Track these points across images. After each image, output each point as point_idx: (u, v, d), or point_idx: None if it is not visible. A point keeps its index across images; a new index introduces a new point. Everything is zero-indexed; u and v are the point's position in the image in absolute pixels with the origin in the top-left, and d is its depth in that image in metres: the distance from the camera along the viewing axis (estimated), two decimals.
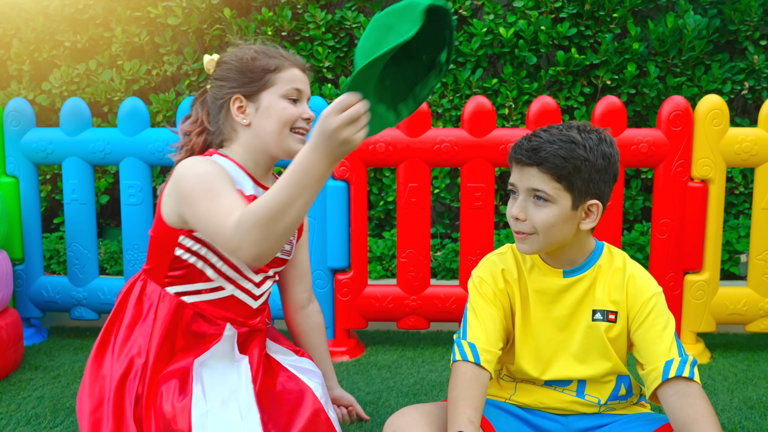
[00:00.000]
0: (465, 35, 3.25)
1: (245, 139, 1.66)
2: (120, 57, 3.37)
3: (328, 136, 1.28)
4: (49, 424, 1.93)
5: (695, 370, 1.39)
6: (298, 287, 1.91)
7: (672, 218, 2.46)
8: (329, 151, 1.29)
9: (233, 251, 1.41)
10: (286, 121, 1.63)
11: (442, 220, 3.47)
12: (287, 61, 1.66)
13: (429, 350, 2.59)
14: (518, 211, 1.40)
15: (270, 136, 1.64)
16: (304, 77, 1.68)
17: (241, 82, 1.64)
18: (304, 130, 1.67)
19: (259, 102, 1.64)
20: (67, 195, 2.60)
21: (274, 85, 1.64)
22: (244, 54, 1.66)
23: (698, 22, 3.10)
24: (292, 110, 1.64)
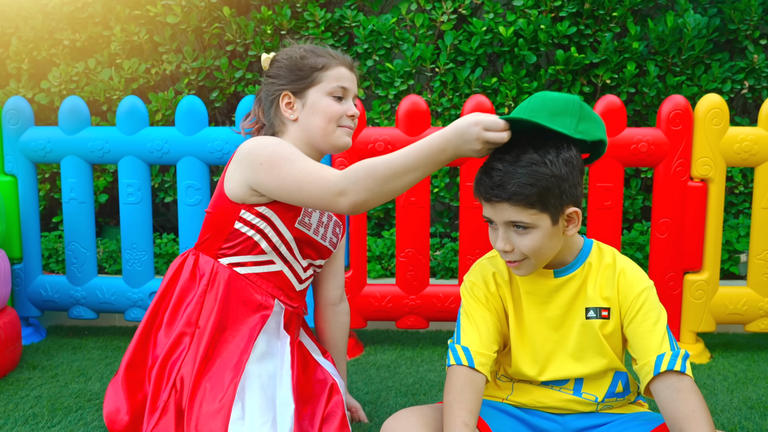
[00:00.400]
0: (464, 34, 3.25)
1: (294, 132, 1.73)
2: (119, 55, 3.36)
3: (465, 139, 1.37)
4: (47, 424, 1.92)
5: (687, 364, 1.38)
6: (331, 283, 1.96)
7: (672, 218, 2.45)
8: (457, 148, 1.38)
9: (334, 196, 1.48)
10: (330, 117, 1.70)
11: (442, 219, 3.47)
12: (335, 60, 1.73)
13: (428, 350, 2.58)
14: (504, 244, 1.39)
15: (316, 131, 1.71)
16: (351, 76, 1.75)
17: (290, 80, 1.71)
18: (350, 126, 1.73)
19: (305, 99, 1.71)
20: (65, 194, 2.59)
21: (320, 83, 1.71)
22: (294, 53, 1.73)
23: (698, 21, 3.10)
24: (336, 107, 1.70)
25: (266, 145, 1.60)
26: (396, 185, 1.43)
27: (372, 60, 3.28)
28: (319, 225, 1.76)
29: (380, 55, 3.26)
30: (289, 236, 1.69)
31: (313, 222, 1.74)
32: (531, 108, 1.36)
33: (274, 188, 1.57)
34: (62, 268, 3.23)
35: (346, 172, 1.47)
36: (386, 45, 3.24)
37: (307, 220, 1.72)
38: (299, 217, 1.69)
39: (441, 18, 3.23)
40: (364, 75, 3.33)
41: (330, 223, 1.81)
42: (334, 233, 1.83)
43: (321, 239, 1.77)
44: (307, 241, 1.74)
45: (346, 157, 2.44)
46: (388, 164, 1.42)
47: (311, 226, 1.73)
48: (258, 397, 1.57)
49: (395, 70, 3.21)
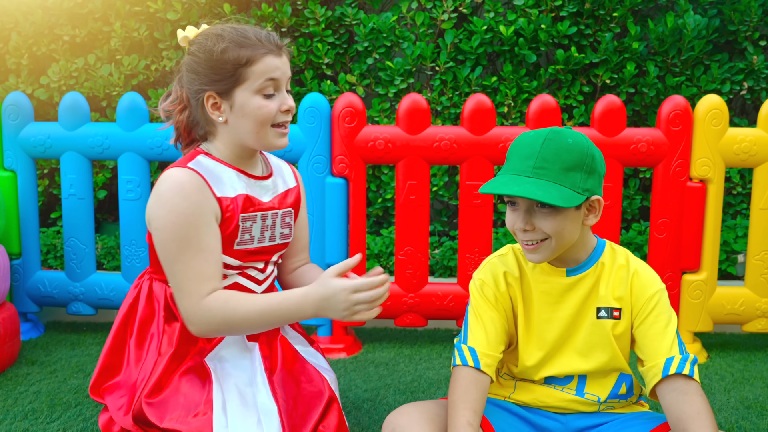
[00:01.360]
0: (465, 33, 3.25)
1: (224, 135, 1.61)
2: (119, 52, 3.36)
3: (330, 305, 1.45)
4: (46, 419, 1.92)
5: (695, 369, 1.39)
6: (293, 258, 1.84)
7: (670, 218, 2.46)
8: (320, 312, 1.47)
9: (186, 318, 1.53)
10: (263, 120, 1.56)
11: (440, 217, 3.47)
12: (260, 48, 1.54)
13: (426, 348, 2.59)
14: (524, 224, 1.38)
15: (248, 135, 1.58)
16: (280, 62, 1.57)
17: (212, 79, 1.55)
18: (285, 122, 1.60)
19: (232, 100, 1.55)
20: (65, 190, 2.59)
21: (247, 80, 1.54)
22: (214, 46, 1.54)
23: (698, 22, 3.10)
24: (268, 108, 1.56)
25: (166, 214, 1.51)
26: (248, 331, 1.55)
27: (372, 58, 3.28)
28: (263, 231, 1.66)
29: (380, 53, 3.26)
30: (229, 260, 1.62)
31: (255, 234, 1.64)
32: (544, 157, 1.34)
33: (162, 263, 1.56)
34: (61, 264, 3.23)
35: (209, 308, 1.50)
36: (386, 43, 3.24)
37: (247, 237, 1.63)
38: (237, 239, 1.61)
39: (441, 16, 3.24)
40: (364, 73, 3.33)
41: (276, 221, 1.69)
42: (283, 225, 1.72)
43: (270, 241, 1.69)
44: (253, 251, 1.66)
45: (347, 155, 2.44)
46: (245, 317, 1.50)
47: (254, 239, 1.64)
48: (238, 404, 1.55)
49: (395, 69, 3.21)
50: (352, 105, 2.44)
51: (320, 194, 2.47)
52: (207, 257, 1.52)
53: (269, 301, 1.52)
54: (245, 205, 1.61)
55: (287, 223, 1.73)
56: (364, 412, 2.00)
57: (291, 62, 3.31)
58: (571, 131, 1.38)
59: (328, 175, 2.47)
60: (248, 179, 1.65)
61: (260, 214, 1.64)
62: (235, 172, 1.63)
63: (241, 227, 1.60)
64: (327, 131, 2.45)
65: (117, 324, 1.74)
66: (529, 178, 1.34)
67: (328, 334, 2.54)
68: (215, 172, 1.59)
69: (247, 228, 1.61)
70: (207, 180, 1.56)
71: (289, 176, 1.78)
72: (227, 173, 1.61)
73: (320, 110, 2.44)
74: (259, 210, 1.64)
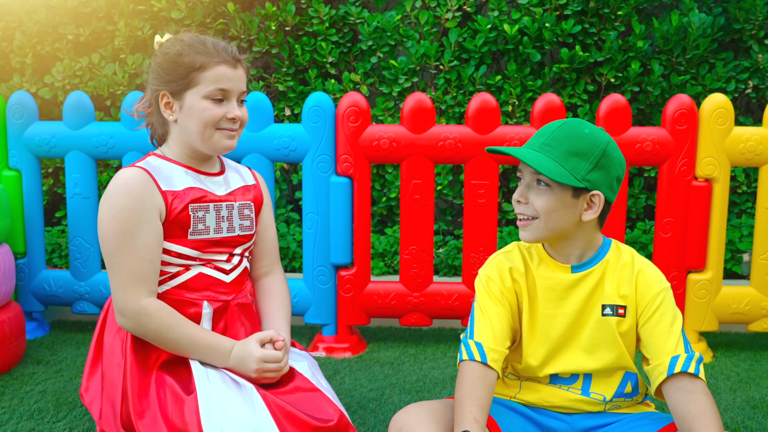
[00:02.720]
0: (469, 32, 3.24)
1: (176, 134, 1.68)
2: (123, 51, 3.36)
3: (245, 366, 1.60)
4: (52, 419, 1.93)
5: (701, 367, 1.39)
6: (259, 262, 1.86)
7: (676, 217, 2.45)
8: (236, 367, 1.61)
9: (118, 310, 1.60)
10: (206, 123, 1.62)
11: (445, 217, 3.47)
12: (215, 58, 1.62)
13: (431, 347, 2.59)
14: (519, 195, 1.42)
15: (194, 136, 1.64)
16: (234, 74, 1.64)
17: (166, 80, 1.63)
18: (230, 128, 1.65)
19: (183, 101, 1.63)
20: (69, 189, 2.59)
21: (197, 85, 1.62)
22: (172, 49, 1.63)
23: (703, 21, 3.09)
24: (213, 112, 1.62)
25: (107, 210, 1.59)
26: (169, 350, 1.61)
27: (376, 57, 3.27)
28: (218, 221, 1.70)
29: (384, 52, 3.26)
30: (186, 250, 1.66)
31: (210, 224, 1.68)
32: (555, 137, 1.39)
33: (103, 255, 1.62)
34: (66, 263, 3.23)
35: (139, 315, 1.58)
36: (390, 42, 3.23)
37: (201, 226, 1.67)
38: (190, 229, 1.65)
39: (445, 15, 3.23)
40: (368, 72, 3.32)
41: (233, 212, 1.73)
42: (242, 217, 1.75)
43: (229, 232, 1.72)
44: (212, 242, 1.69)
45: (352, 155, 2.44)
46: (177, 340, 1.59)
47: (209, 229, 1.68)
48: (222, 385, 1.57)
49: (399, 68, 3.21)
50: (357, 104, 2.43)
51: (325, 193, 2.47)
52: (143, 256, 1.58)
53: (203, 336, 1.61)
54: (194, 196, 1.66)
55: (247, 215, 1.76)
56: (370, 411, 2.00)
57: (294, 61, 3.32)
58: (594, 126, 1.40)
59: (332, 175, 2.47)
60: (198, 175, 1.70)
61: (213, 205, 1.68)
62: (183, 169, 1.69)
63: (192, 216, 1.64)
64: (331, 130, 2.45)
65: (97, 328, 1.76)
66: (533, 151, 1.39)
67: (333, 333, 2.54)
68: (163, 169, 1.66)
69: (199, 218, 1.66)
70: (153, 175, 1.62)
71: (248, 176, 1.84)
72: (176, 170, 1.68)
73: (324, 109, 2.44)
74: (211, 201, 1.68)
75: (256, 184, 1.84)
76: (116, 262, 1.59)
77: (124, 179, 1.61)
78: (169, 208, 1.62)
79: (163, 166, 1.67)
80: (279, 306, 1.83)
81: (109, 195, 1.60)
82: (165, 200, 1.62)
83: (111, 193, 1.60)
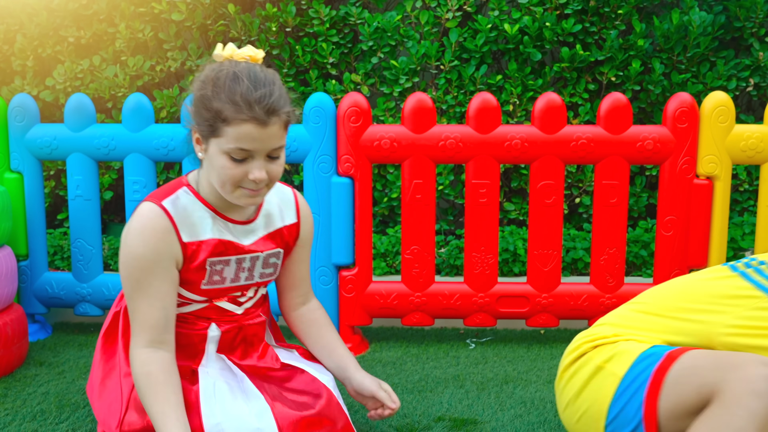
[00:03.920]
0: (469, 31, 3.25)
1: (205, 172, 1.54)
2: (124, 53, 3.36)
3: None
4: (55, 420, 1.93)
5: None
6: (290, 293, 1.81)
7: (677, 215, 2.45)
8: None
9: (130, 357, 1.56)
10: (224, 181, 1.47)
11: (446, 216, 3.47)
12: (243, 113, 1.41)
13: (433, 347, 2.59)
14: None
15: (216, 185, 1.51)
16: (260, 133, 1.42)
17: (196, 118, 1.48)
18: (253, 189, 1.48)
19: (208, 145, 1.48)
20: (71, 191, 2.60)
21: (221, 137, 1.44)
22: (203, 87, 1.46)
23: (703, 19, 3.09)
24: (231, 172, 1.45)
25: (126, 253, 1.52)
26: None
27: (377, 57, 3.28)
28: (238, 272, 1.62)
29: (385, 52, 3.26)
30: (197, 297, 1.61)
31: (228, 275, 1.60)
32: None
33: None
34: (68, 265, 3.23)
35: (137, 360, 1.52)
36: (391, 42, 3.24)
37: (217, 278, 1.59)
38: (204, 280, 1.58)
39: (446, 15, 3.23)
40: (368, 72, 3.33)
41: (257, 263, 1.64)
42: (266, 266, 1.66)
43: (247, 281, 1.65)
44: (225, 290, 1.63)
45: (353, 155, 2.44)
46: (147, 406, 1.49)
47: (225, 280, 1.61)
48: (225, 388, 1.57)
49: (400, 68, 3.21)
50: (357, 104, 2.44)
51: (326, 194, 2.47)
52: (153, 303, 1.52)
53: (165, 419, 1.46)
54: (217, 249, 1.57)
55: (272, 263, 1.68)
56: None
57: (295, 62, 3.32)
58: None
59: (333, 175, 2.47)
60: (226, 223, 1.59)
61: (235, 258, 1.60)
62: (211, 214, 1.58)
63: (209, 270, 1.57)
64: (332, 131, 2.45)
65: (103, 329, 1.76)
66: None
67: None
68: (189, 212, 1.55)
69: (216, 270, 1.58)
70: (175, 223, 1.53)
71: (288, 213, 1.71)
72: (203, 216, 1.57)
73: (325, 110, 2.44)
74: (234, 254, 1.59)
75: (295, 223, 1.71)
76: (131, 305, 1.55)
77: (143, 225, 1.51)
78: (186, 260, 1.55)
79: (190, 207, 1.56)
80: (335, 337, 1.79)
81: (128, 237, 1.53)
82: (184, 252, 1.54)
83: (130, 235, 1.53)
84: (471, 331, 2.76)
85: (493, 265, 2.50)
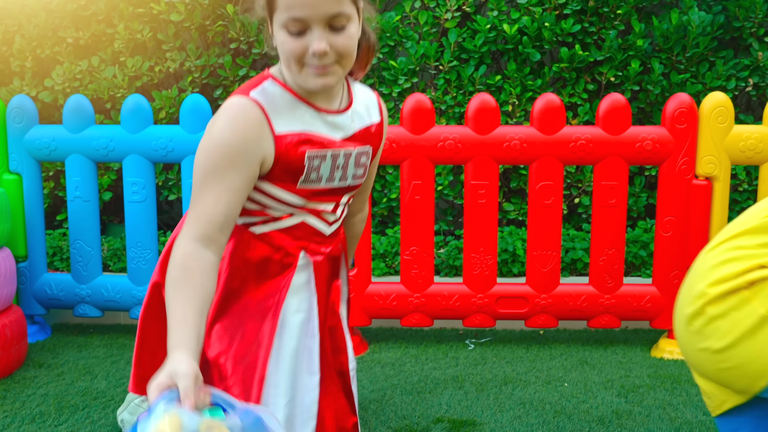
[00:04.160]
0: (468, 32, 3.24)
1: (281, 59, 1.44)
2: (123, 53, 3.36)
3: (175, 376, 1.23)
4: (54, 422, 1.93)
5: None
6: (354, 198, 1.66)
7: (676, 216, 2.45)
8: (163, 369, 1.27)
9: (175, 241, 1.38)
10: (288, 59, 1.38)
11: (445, 217, 3.47)
12: None
13: (432, 347, 2.59)
14: None
15: (285, 69, 1.42)
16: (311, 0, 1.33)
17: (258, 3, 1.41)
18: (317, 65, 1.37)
19: (272, 27, 1.40)
20: (70, 192, 2.60)
21: (275, 10, 1.36)
22: None
23: (702, 19, 3.09)
24: (291, 46, 1.36)
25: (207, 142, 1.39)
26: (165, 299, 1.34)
27: (376, 57, 3.27)
28: (333, 171, 1.48)
29: (384, 52, 3.26)
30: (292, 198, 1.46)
31: (324, 173, 1.47)
32: None
33: None
34: (67, 266, 3.23)
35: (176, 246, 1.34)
36: (390, 43, 3.23)
37: (314, 176, 1.46)
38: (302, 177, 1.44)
39: (445, 15, 3.23)
40: (368, 72, 3.32)
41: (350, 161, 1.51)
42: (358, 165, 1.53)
43: (341, 181, 1.51)
44: (320, 192, 1.49)
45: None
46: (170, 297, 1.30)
47: (321, 179, 1.47)
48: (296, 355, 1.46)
49: (399, 68, 3.21)
50: None
51: None
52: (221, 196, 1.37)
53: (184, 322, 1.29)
54: (312, 142, 1.44)
55: (362, 163, 1.53)
56: (371, 413, 2.00)
57: None
58: None
59: None
60: (318, 113, 1.45)
61: (330, 152, 1.46)
62: (303, 104, 1.44)
63: (308, 165, 1.43)
64: None
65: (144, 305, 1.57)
66: None
67: None
68: (280, 102, 1.43)
69: (314, 167, 1.44)
70: (267, 113, 1.40)
71: (374, 109, 1.59)
72: (295, 105, 1.44)
73: None
74: (329, 147, 1.46)
75: (380, 121, 1.59)
76: (196, 193, 1.38)
77: (234, 113, 1.39)
78: (280, 154, 1.41)
79: (280, 98, 1.43)
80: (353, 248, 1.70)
81: (215, 125, 1.39)
82: (277, 146, 1.40)
83: (218, 123, 1.39)
84: (470, 331, 2.76)
85: (492, 266, 2.50)
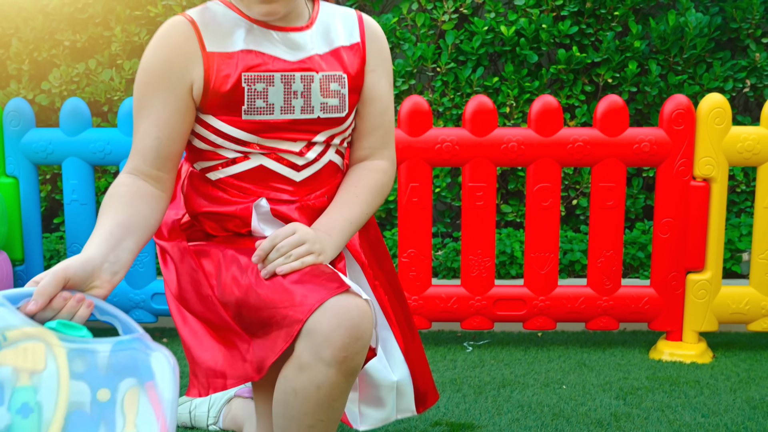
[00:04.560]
0: (466, 34, 3.24)
1: None
2: (120, 56, 3.36)
3: None
4: None
5: None
6: (356, 144, 1.41)
7: (674, 217, 2.45)
8: None
9: None
10: None
11: (443, 219, 3.47)
12: None
13: (430, 350, 2.58)
14: None
15: None
16: None
17: None
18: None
19: None
20: (67, 195, 2.59)
21: None
22: None
23: (700, 20, 3.09)
24: None
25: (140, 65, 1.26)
26: None
27: None
28: (289, 99, 1.28)
29: None
30: (240, 133, 1.27)
31: (275, 101, 1.27)
32: None
33: None
34: None
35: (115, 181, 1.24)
36: None
37: (261, 104, 1.27)
38: (244, 106, 1.26)
39: (442, 17, 3.23)
40: None
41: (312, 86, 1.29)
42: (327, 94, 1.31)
43: (303, 113, 1.29)
44: (276, 125, 1.28)
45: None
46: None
47: (271, 108, 1.27)
48: None
49: (396, 70, 3.21)
50: None
51: None
52: (149, 129, 1.24)
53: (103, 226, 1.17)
54: (253, 62, 1.26)
55: (335, 91, 1.31)
56: None
57: None
58: None
59: None
60: (267, 31, 1.28)
61: (280, 75, 1.27)
62: (248, 22, 1.28)
63: (247, 90, 1.25)
64: None
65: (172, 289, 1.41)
66: None
67: None
68: (220, 20, 1.27)
69: (257, 92, 1.26)
70: (200, 30, 1.25)
71: (351, 30, 1.36)
72: (237, 22, 1.28)
73: None
74: (278, 70, 1.27)
75: (357, 43, 1.35)
76: (133, 123, 1.29)
77: (160, 33, 1.26)
78: (210, 76, 1.24)
79: (221, 16, 1.27)
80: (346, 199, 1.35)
81: (148, 47, 1.27)
82: (207, 65, 1.24)
83: (149, 45, 1.27)
84: (468, 334, 2.76)
85: (489, 268, 2.50)
